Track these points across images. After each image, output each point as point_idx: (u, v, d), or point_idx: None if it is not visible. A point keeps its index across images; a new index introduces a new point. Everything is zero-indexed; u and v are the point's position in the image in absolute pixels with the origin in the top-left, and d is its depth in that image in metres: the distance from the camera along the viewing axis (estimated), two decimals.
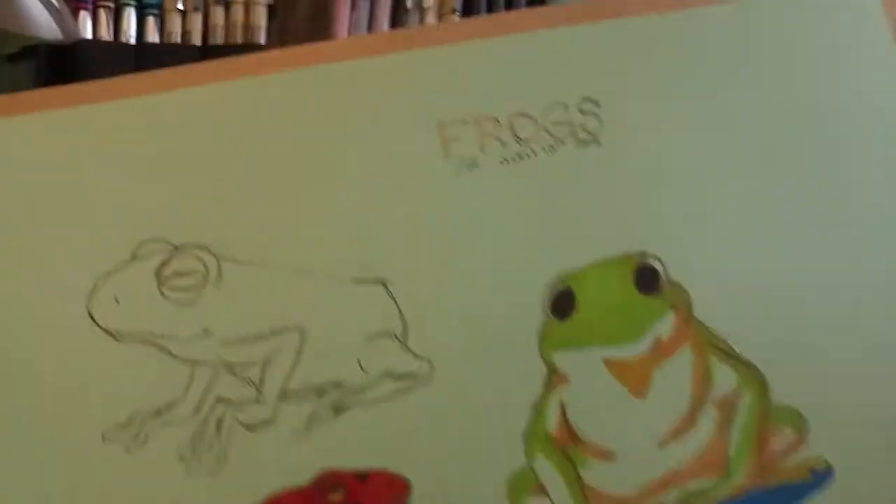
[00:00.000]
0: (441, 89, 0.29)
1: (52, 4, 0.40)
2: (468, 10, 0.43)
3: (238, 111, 0.28)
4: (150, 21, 0.45)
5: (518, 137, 0.29)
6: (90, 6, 0.43)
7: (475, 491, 0.26)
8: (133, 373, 0.27)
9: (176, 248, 0.28)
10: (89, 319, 0.27)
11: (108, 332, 0.27)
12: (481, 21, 0.29)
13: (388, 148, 0.29)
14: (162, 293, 0.27)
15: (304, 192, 0.28)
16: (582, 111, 0.30)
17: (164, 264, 0.28)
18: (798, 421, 0.27)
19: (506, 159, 0.29)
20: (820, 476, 0.27)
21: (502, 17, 0.29)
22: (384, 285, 0.28)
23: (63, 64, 0.40)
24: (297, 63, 0.29)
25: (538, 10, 0.30)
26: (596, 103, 0.30)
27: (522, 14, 0.29)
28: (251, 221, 0.28)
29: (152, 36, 0.44)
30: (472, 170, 0.29)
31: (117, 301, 0.27)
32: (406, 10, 0.47)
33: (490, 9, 0.44)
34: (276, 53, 0.29)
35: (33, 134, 0.27)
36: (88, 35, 0.42)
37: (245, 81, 0.29)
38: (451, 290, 0.28)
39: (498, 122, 0.29)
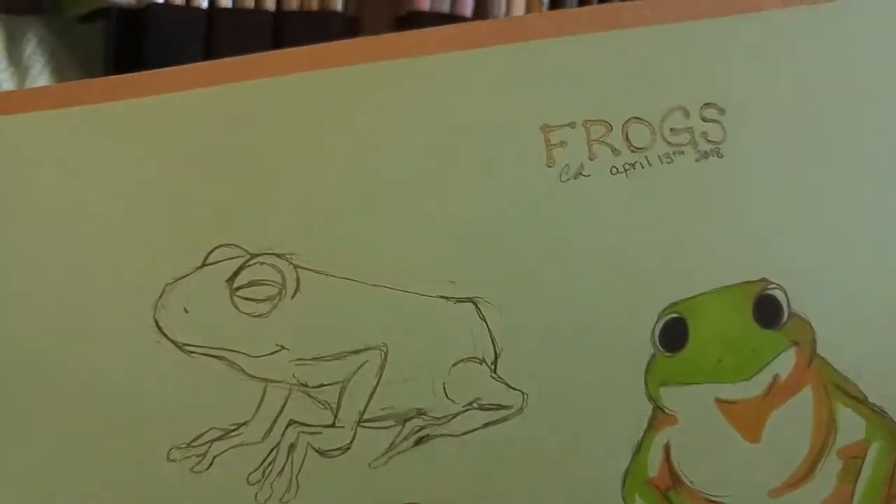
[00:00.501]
0: (547, 88, 0.25)
1: None
2: None
3: (323, 106, 0.25)
4: None
5: (631, 145, 0.25)
6: None
7: None
8: (201, 389, 0.24)
9: (251, 255, 0.24)
10: (156, 329, 0.24)
11: (175, 343, 0.24)
12: (592, 11, 0.25)
13: (485, 152, 0.25)
14: (234, 304, 0.24)
15: (392, 200, 0.25)
16: (704, 118, 0.25)
17: (237, 273, 0.24)
18: None
19: (616, 168, 0.25)
20: None
21: (615, 7, 0.24)
22: (475, 305, 0.24)
23: (134, 27, 0.36)
24: (382, 55, 0.25)
25: (657, 2, 0.23)
26: (721, 110, 0.26)
27: (639, 6, 0.24)
28: (334, 229, 0.25)
29: (225, 1, 0.39)
30: (578, 178, 0.25)
31: (186, 311, 0.24)
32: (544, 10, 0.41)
33: None
34: (357, 43, 0.25)
35: (99, 126, 0.25)
36: None
37: (328, 73, 0.25)
38: (550, 313, 0.24)
39: (609, 126, 0.25)
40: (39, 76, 0.35)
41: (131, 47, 0.36)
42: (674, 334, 0.24)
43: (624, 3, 0.25)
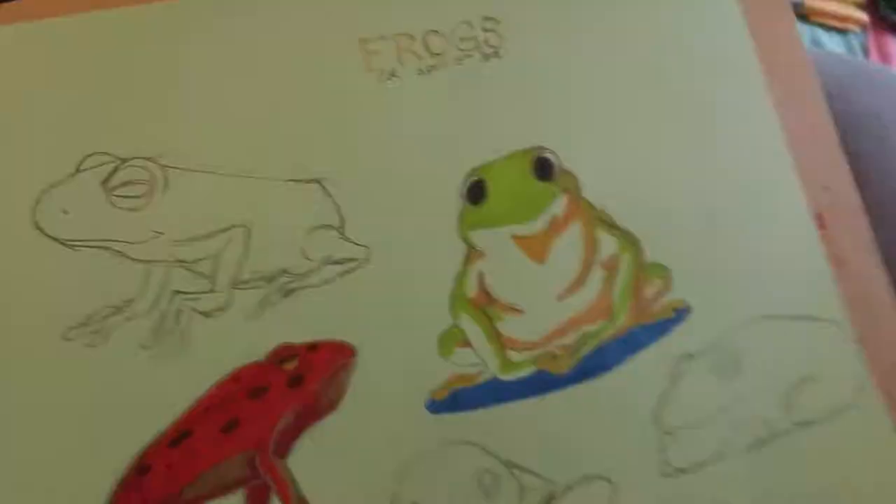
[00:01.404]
0: (363, 9, 0.27)
1: None
2: None
3: (175, 27, 0.25)
4: None
5: (431, 52, 0.27)
6: None
7: (412, 349, 0.26)
8: (89, 276, 0.23)
9: (122, 160, 0.24)
10: (36, 230, 0.23)
11: (58, 240, 0.23)
12: None
13: (317, 62, 0.26)
14: (111, 202, 0.23)
15: (241, 104, 0.25)
16: (484, 28, 0.28)
17: (111, 176, 0.24)
18: (664, 273, 0.28)
19: (421, 70, 0.27)
20: (681, 312, 0.28)
21: None
22: (320, 184, 0.26)
23: None
24: None
25: None
26: (497, 21, 0.28)
27: None
28: (194, 131, 0.25)
29: None
30: (391, 79, 0.27)
31: (65, 212, 0.23)
32: None
33: None
34: None
35: None
36: None
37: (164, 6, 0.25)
38: (381, 185, 0.26)
39: (413, 38, 0.27)
40: None
41: None
42: (476, 191, 0.26)
43: None
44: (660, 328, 0.27)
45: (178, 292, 0.23)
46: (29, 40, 0.23)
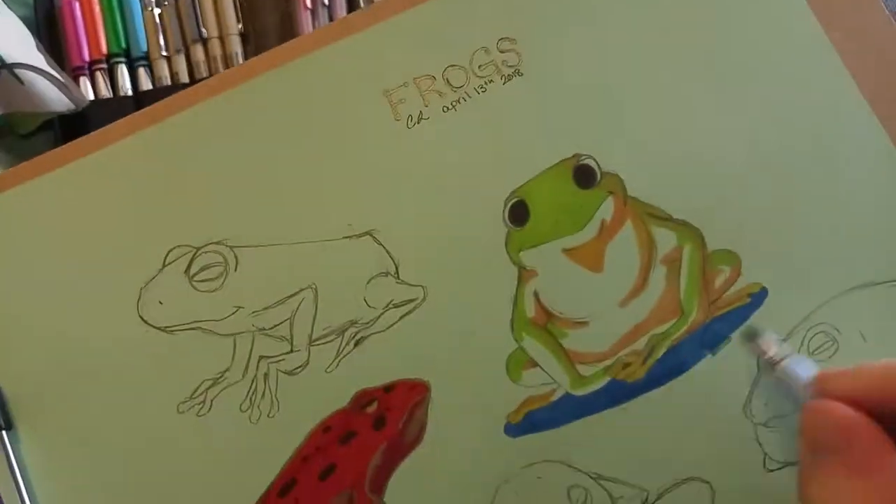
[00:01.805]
0: (379, 62, 0.27)
1: (58, 79, 0.35)
2: None
3: (217, 125, 0.26)
4: (141, 72, 0.39)
5: (452, 86, 0.27)
6: (87, 71, 0.37)
7: (482, 377, 0.25)
8: (188, 356, 0.25)
9: (196, 248, 0.26)
10: (142, 323, 0.25)
11: (159, 328, 0.25)
12: (391, 1, 0.23)
13: (348, 123, 0.26)
14: (194, 287, 0.25)
15: (289, 179, 0.26)
16: (501, 50, 0.27)
17: (190, 264, 0.26)
18: (733, 259, 0.26)
19: (446, 107, 0.27)
20: (757, 297, 0.26)
21: None
22: (371, 236, 0.26)
23: (75, 128, 0.35)
24: (257, 71, 0.27)
25: None
26: (512, 40, 0.27)
27: None
28: (252, 212, 0.26)
29: (145, 84, 0.38)
30: (420, 123, 0.26)
31: (161, 303, 0.26)
32: (360, 6, 0.41)
33: None
34: (238, 68, 0.27)
35: (61, 188, 0.26)
36: (91, 97, 0.36)
37: (215, 100, 0.27)
38: (427, 224, 0.26)
39: (433, 77, 0.27)
40: None
41: None
42: (519, 213, 0.26)
43: None
44: (737, 317, 0.24)
45: (264, 357, 0.24)
46: (102, 167, 0.26)
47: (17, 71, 0.36)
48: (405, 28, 0.26)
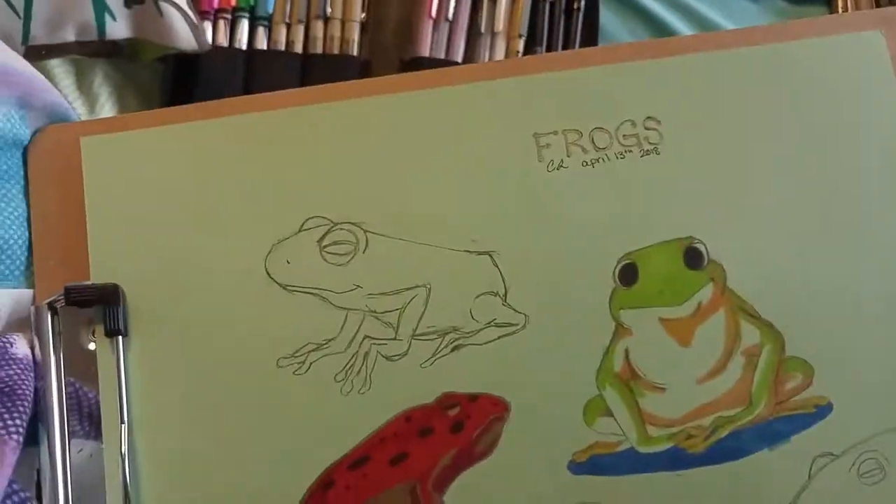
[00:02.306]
0: (536, 108, 0.30)
1: (192, 20, 0.38)
2: (532, 35, 0.41)
3: (380, 122, 0.29)
4: (260, 31, 0.42)
5: (596, 146, 0.30)
6: (212, 17, 0.40)
7: (559, 412, 0.28)
8: (300, 316, 0.28)
9: (334, 223, 0.28)
10: (267, 276, 0.28)
11: (280, 284, 0.28)
12: (564, 55, 0.29)
13: (496, 152, 0.29)
14: (323, 257, 0.27)
15: (433, 187, 0.29)
16: (646, 127, 0.30)
17: (325, 236, 0.28)
18: (806, 368, 0.28)
19: (586, 162, 0.30)
20: (822, 409, 0.28)
21: (583, 52, 0.29)
22: (491, 256, 0.29)
23: (186, 67, 0.38)
24: (420, 85, 0.30)
25: (611, 48, 0.29)
26: (658, 121, 0.30)
27: (599, 50, 0.29)
28: (392, 205, 0.29)
29: (261, 44, 0.41)
30: (560, 170, 0.29)
31: (288, 262, 0.28)
32: (480, 33, 0.45)
33: (550, 34, 0.41)
34: (415, 76, 0.30)
35: (225, 133, 0.29)
36: (210, 41, 0.39)
37: (386, 99, 0.29)
38: (543, 260, 0.29)
39: (580, 133, 0.30)
40: (105, 105, 0.36)
41: (183, 84, 0.37)
42: (628, 274, 0.28)
43: (589, 49, 0.29)
44: (799, 422, 0.27)
45: (369, 337, 0.27)
46: (265, 126, 0.28)
47: (161, 3, 0.39)
48: (570, 83, 0.30)
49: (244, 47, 0.44)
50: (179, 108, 0.29)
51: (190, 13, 0.40)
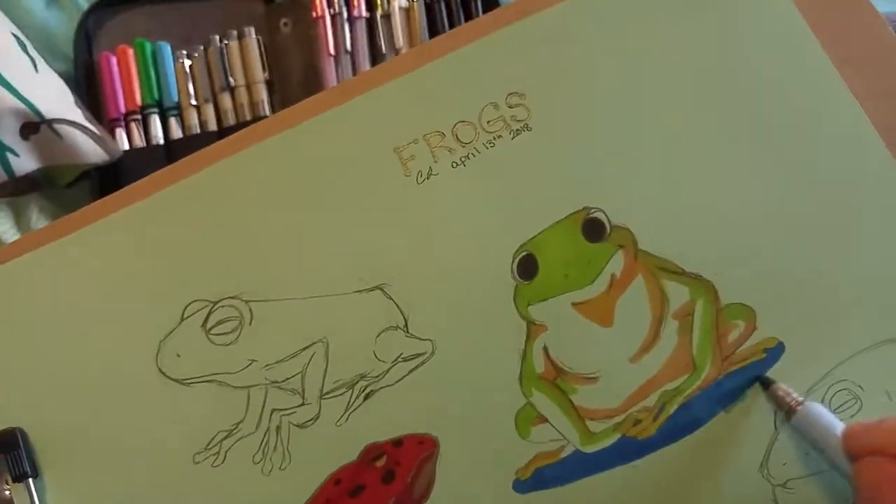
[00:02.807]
0: (390, 121, 0.28)
1: (94, 132, 0.38)
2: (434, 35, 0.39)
3: (232, 185, 0.28)
4: (172, 121, 0.42)
5: (461, 142, 0.27)
6: (122, 122, 0.40)
7: (490, 432, 0.26)
8: (204, 407, 0.26)
9: (213, 303, 0.27)
10: (161, 375, 0.27)
11: (177, 380, 0.27)
12: (403, 57, 0.26)
13: (360, 180, 0.27)
14: (211, 340, 0.25)
15: (301, 236, 0.27)
16: (510, 105, 0.28)
17: (207, 318, 0.27)
18: (747, 313, 0.26)
19: (456, 162, 0.27)
20: (774, 351, 0.25)
21: (423, 48, 0.26)
22: (382, 290, 0.27)
23: (111, 176, 0.38)
24: (264, 134, 0.28)
25: (449, 35, 0.26)
26: (521, 95, 0.28)
27: (438, 41, 0.27)
28: (267, 268, 0.27)
29: (176, 133, 0.41)
30: (430, 178, 0.27)
31: (178, 356, 0.27)
32: (383, 54, 0.43)
33: None
34: (253, 129, 0.28)
35: (83, 247, 0.28)
36: (125, 146, 0.39)
37: (231, 160, 0.28)
38: (436, 278, 0.27)
39: (442, 134, 0.28)
40: None
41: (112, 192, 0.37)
42: (527, 267, 0.26)
43: (425, 44, 0.27)
44: (752, 373, 0.24)
45: (276, 409, 0.25)
46: (122, 227, 0.27)
47: (56, 126, 0.39)
48: (416, 85, 0.28)
49: (162, 141, 0.44)
50: (47, 228, 0.28)
51: (90, 126, 0.40)
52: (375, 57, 0.44)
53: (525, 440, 0.25)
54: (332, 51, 0.43)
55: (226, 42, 0.44)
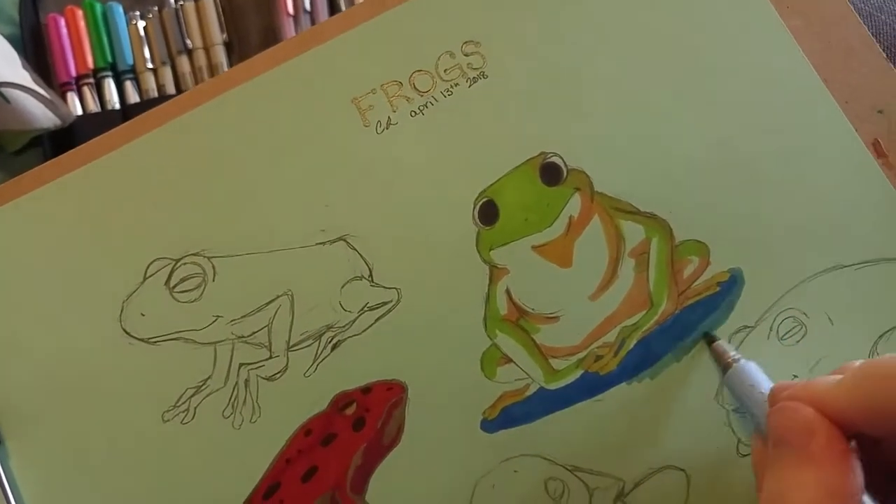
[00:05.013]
0: (347, 70, 0.27)
1: (44, 96, 0.35)
2: None
3: (190, 140, 0.27)
4: (128, 85, 0.40)
5: (419, 91, 0.27)
6: (74, 86, 0.38)
7: (456, 375, 0.25)
8: (170, 365, 0.26)
9: (176, 260, 0.26)
10: (126, 335, 0.26)
11: (142, 340, 0.26)
12: (360, 7, 0.25)
13: (319, 132, 0.27)
14: (175, 298, 0.25)
15: (262, 190, 0.26)
16: (465, 53, 0.27)
17: (170, 276, 0.26)
18: (701, 249, 0.26)
19: (414, 112, 0.27)
20: (727, 285, 0.26)
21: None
22: (345, 241, 0.26)
23: (64, 143, 0.36)
24: (223, 87, 0.27)
25: None
26: (476, 43, 0.27)
27: None
28: (228, 223, 0.26)
29: (133, 98, 0.39)
30: (389, 128, 0.27)
31: (143, 315, 0.26)
32: (342, 11, 0.41)
33: None
34: (210, 82, 0.27)
35: (40, 207, 0.26)
36: (79, 111, 0.37)
37: (187, 115, 0.27)
38: (399, 227, 0.26)
39: (400, 83, 0.27)
40: None
41: None
42: (488, 212, 0.26)
43: None
44: (706, 306, 0.24)
45: (244, 364, 0.24)
46: (79, 186, 0.26)
47: (3, 90, 0.36)
48: (372, 35, 0.27)
49: (118, 106, 0.41)
50: (2, 188, 0.26)
51: (40, 90, 0.37)
52: (334, 14, 0.42)
53: (491, 380, 0.24)
54: (290, 10, 0.41)
55: (181, 2, 0.41)
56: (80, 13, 0.40)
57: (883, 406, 0.15)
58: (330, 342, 0.25)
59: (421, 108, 0.26)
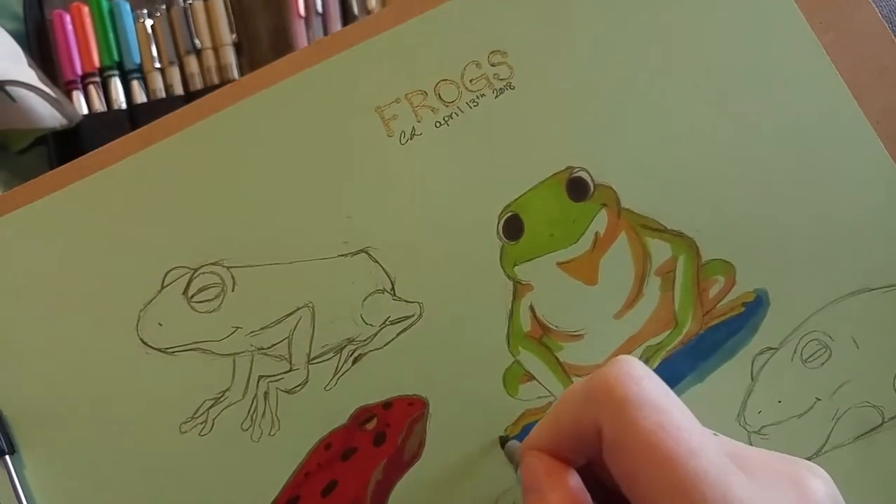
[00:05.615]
0: (371, 79, 0.26)
1: (51, 95, 0.34)
2: None
3: (211, 147, 0.26)
4: (135, 84, 0.39)
5: (444, 101, 0.26)
6: (80, 85, 0.37)
7: (478, 391, 0.25)
8: (188, 376, 0.25)
9: (194, 269, 0.25)
10: (143, 345, 0.25)
11: (159, 350, 0.25)
12: (385, 13, 0.23)
13: (341, 141, 0.26)
14: (193, 308, 0.24)
15: (282, 198, 0.26)
16: (492, 63, 0.26)
17: (188, 286, 0.25)
18: (727, 269, 0.26)
19: (439, 122, 0.26)
20: (752, 306, 0.25)
21: (403, 4, 0.24)
22: (367, 253, 0.26)
23: (69, 142, 0.35)
24: (244, 93, 0.26)
25: None
26: (503, 53, 0.26)
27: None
28: (248, 232, 0.26)
29: (140, 97, 0.38)
30: (413, 139, 0.26)
31: (160, 325, 0.25)
32: (355, 16, 0.40)
33: None
34: (231, 87, 0.26)
35: (56, 212, 0.25)
36: (84, 111, 0.36)
37: (207, 121, 0.26)
38: (422, 241, 0.26)
39: (425, 93, 0.26)
40: None
41: (70, 160, 0.34)
42: (513, 227, 0.26)
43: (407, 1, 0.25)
44: (730, 327, 0.24)
45: (263, 376, 0.24)
46: (97, 192, 0.26)
47: (9, 88, 0.35)
48: (396, 43, 0.26)
49: (124, 106, 0.40)
50: (15, 192, 0.26)
51: (45, 89, 0.36)
52: (347, 19, 0.41)
53: (513, 398, 0.24)
54: (302, 12, 0.40)
55: (190, 1, 0.40)
56: (86, 10, 0.39)
57: (563, 429, 0.16)
58: (351, 356, 0.25)
59: (446, 118, 0.26)
